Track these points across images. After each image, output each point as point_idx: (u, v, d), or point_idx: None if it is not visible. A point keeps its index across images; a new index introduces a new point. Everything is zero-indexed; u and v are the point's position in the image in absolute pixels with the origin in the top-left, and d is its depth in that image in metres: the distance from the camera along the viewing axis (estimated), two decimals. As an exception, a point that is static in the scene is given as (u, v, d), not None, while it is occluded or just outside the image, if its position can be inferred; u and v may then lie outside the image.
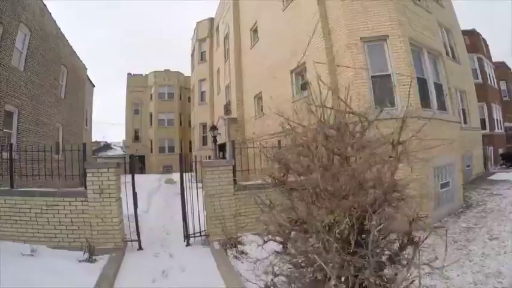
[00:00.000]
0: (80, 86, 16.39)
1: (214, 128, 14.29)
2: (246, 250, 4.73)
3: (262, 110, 11.14)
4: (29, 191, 5.00)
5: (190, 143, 29.79)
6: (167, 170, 28.19)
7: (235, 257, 4.60)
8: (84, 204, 4.80)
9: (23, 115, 9.85)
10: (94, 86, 22.25)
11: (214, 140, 13.78)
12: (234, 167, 5.48)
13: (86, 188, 4.87)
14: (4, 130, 8.75)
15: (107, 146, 35.21)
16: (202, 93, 19.23)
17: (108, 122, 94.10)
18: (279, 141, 5.92)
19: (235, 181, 5.47)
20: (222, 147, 15.67)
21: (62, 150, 12.94)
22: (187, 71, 34.29)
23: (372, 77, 6.61)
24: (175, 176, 23.41)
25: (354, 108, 2.65)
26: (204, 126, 18.98)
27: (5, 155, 8.83)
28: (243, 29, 13.87)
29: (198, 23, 20.86)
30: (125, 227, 5.37)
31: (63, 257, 4.41)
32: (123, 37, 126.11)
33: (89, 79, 20.13)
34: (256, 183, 5.32)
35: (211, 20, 19.48)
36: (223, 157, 15.43)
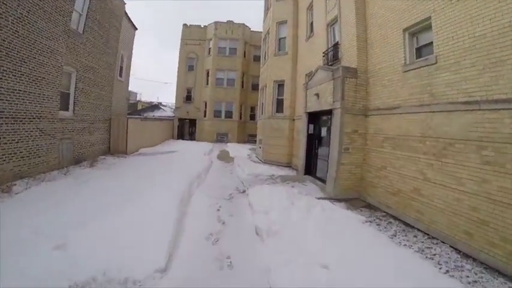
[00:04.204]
0: (111, 22, 12.10)
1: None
2: None
3: (432, 53, 5.28)
4: None
5: (252, 109, 25.04)
6: (221, 138, 24.50)
7: None
8: None
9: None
10: (136, 29, 17.80)
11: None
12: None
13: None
14: None
15: (155, 106, 31.51)
16: (280, 41, 14.14)
17: (162, 81, 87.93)
18: None
19: None
20: (315, 118, 9.76)
21: None
22: (254, 26, 28.96)
23: None
24: (232, 149, 16.58)
25: None
26: (280, 85, 13.46)
27: None
28: None
29: None
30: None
31: None
32: None
33: (128, 18, 15.84)
34: None
35: None
36: (320, 135, 9.53)
